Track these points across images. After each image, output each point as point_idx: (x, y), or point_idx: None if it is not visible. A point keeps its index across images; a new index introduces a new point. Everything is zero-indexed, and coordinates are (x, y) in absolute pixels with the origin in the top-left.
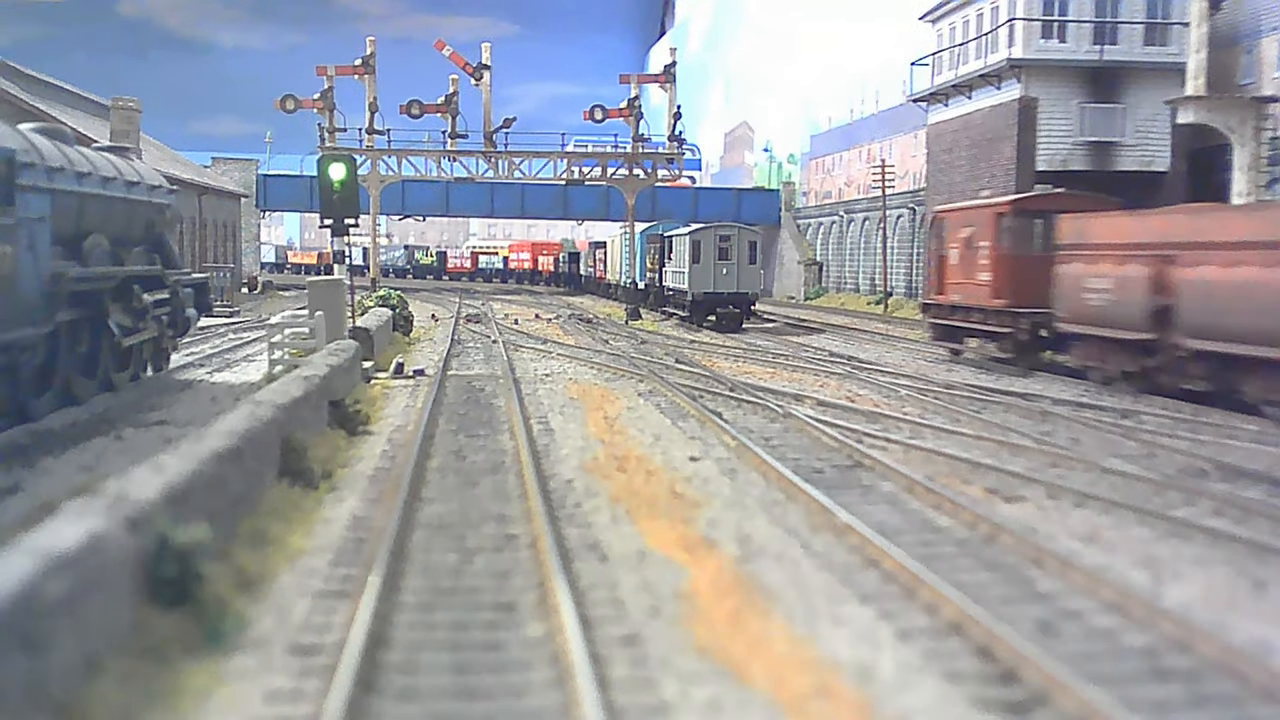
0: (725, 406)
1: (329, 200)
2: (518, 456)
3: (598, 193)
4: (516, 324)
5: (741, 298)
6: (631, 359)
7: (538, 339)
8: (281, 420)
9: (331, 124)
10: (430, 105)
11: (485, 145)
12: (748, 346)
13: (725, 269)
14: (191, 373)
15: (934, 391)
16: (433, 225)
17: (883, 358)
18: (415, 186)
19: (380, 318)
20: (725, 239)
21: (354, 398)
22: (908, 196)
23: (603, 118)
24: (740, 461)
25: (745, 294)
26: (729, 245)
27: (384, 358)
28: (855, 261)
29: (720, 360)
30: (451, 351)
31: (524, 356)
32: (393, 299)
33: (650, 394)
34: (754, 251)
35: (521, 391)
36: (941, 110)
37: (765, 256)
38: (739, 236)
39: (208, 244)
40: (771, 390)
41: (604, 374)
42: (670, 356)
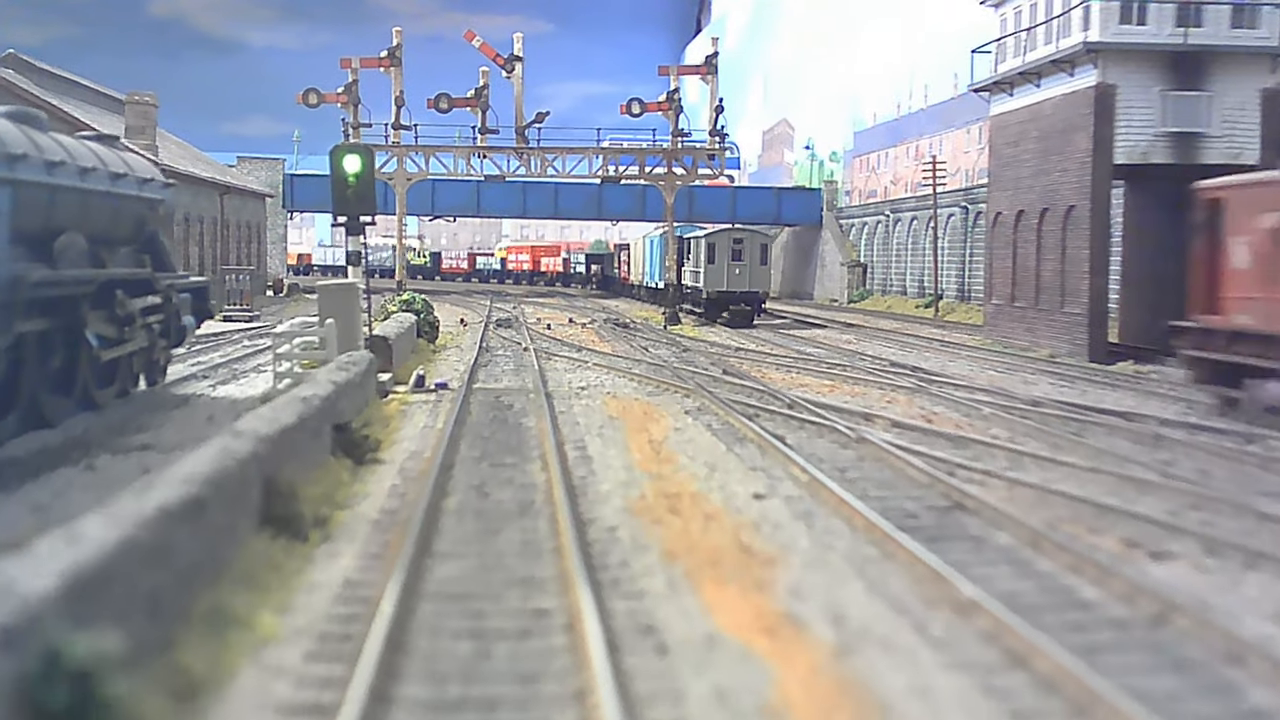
0: (786, 428)
1: (342, 195)
2: (550, 494)
3: (633, 192)
4: (549, 329)
5: (752, 296)
6: (674, 369)
7: (572, 346)
8: (265, 455)
9: (356, 119)
10: (459, 99)
11: (517, 141)
12: (799, 355)
13: (738, 269)
14: (192, 386)
15: (1019, 409)
16: (464, 227)
17: (947, 368)
18: (445, 186)
19: (402, 324)
20: (738, 241)
21: (365, 418)
22: (959, 195)
23: (640, 112)
24: (815, 501)
25: (755, 293)
26: (741, 247)
27: (404, 369)
28: (902, 263)
29: (771, 371)
30: (479, 361)
31: (557, 366)
32: (417, 303)
33: (699, 412)
34: (764, 253)
35: (555, 409)
36: (1006, 100)
37: (805, 258)
38: (751, 239)
39: (230, 245)
40: (835, 408)
41: (645, 387)
42: (716, 366)
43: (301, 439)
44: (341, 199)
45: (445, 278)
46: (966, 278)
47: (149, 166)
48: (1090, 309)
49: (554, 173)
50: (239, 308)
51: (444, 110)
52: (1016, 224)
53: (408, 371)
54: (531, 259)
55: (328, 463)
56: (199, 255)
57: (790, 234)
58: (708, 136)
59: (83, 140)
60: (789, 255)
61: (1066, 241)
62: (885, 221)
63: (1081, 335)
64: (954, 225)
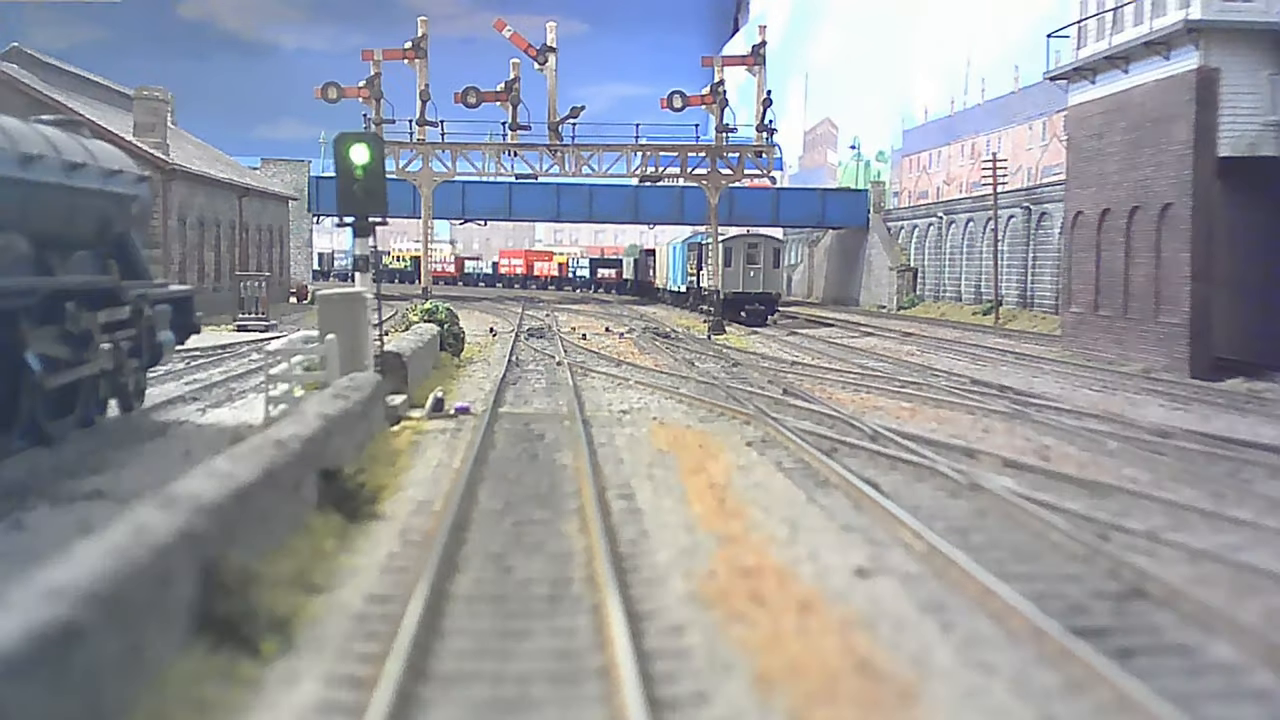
0: (875, 467)
1: (349, 191)
2: (591, 568)
3: (670, 195)
4: (584, 339)
5: (766, 297)
6: (727, 389)
7: (610, 359)
8: (207, 533)
9: (379, 115)
10: (489, 93)
11: (550, 138)
12: (864, 371)
13: (752, 272)
14: (177, 410)
15: (1146, 441)
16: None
17: (1035, 385)
18: (475, 189)
19: (422, 337)
20: (753, 246)
21: (367, 457)
22: (1022, 194)
23: (682, 106)
24: (941, 581)
25: (769, 294)
26: (756, 252)
27: (422, 389)
28: (956, 267)
29: (837, 390)
30: (507, 377)
31: (594, 384)
32: (440, 313)
33: (764, 444)
34: (777, 257)
35: (594, 440)
36: (1087, 89)
37: (851, 262)
38: (765, 244)
39: (249, 250)
40: (926, 439)
41: (696, 410)
42: (775, 385)
43: (268, 499)
44: (347, 195)
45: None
46: (1029, 283)
47: (118, 156)
48: (1191, 319)
49: (589, 172)
50: (254, 316)
51: (472, 105)
52: (1100, 224)
53: (425, 392)
54: (525, 264)
55: (309, 524)
56: (215, 261)
57: (834, 237)
58: (754, 132)
59: (35, 124)
60: (832, 259)
61: (1161, 243)
62: (938, 224)
63: (1181, 348)
64: (1015, 227)
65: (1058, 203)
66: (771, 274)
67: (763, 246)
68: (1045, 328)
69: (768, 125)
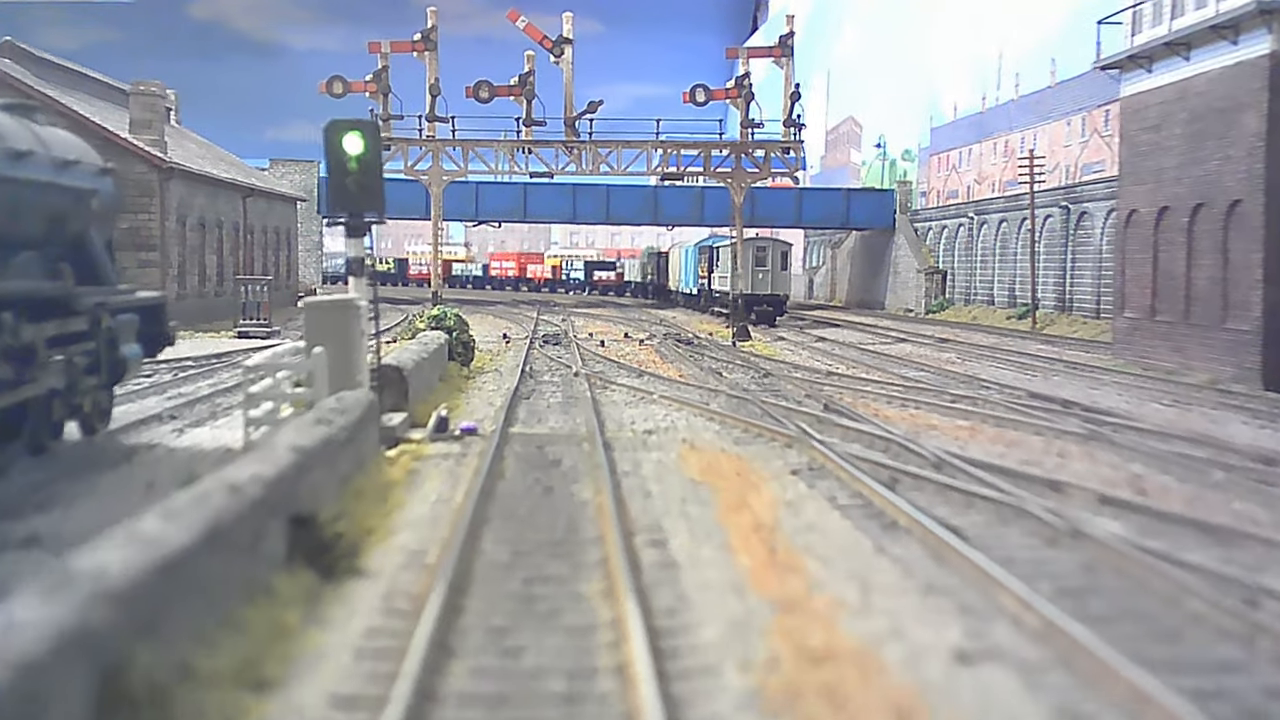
0: (948, 504)
1: (340, 185)
2: (620, 652)
3: (690, 195)
4: (603, 345)
5: (775, 299)
6: (762, 403)
7: (631, 369)
8: (106, 632)
9: (386, 110)
10: (502, 87)
11: (566, 134)
12: (907, 382)
13: (761, 275)
14: (150, 432)
15: (1254, 470)
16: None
17: (1096, 399)
18: (489, 190)
19: (427, 346)
20: (762, 250)
21: (348, 498)
22: (1059, 193)
23: (705, 100)
24: (1070, 673)
25: (777, 295)
26: (765, 255)
27: (425, 406)
28: (988, 269)
29: (882, 405)
30: (519, 390)
31: (615, 398)
32: (449, 320)
33: (813, 472)
34: (785, 260)
35: (616, 467)
36: (1142, 79)
37: (876, 264)
38: (773, 248)
39: (254, 253)
40: (998, 467)
41: (730, 430)
42: (813, 399)
43: (213, 565)
44: (339, 190)
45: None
46: (1068, 286)
47: (76, 145)
48: (1264, 325)
49: (607, 170)
50: (255, 322)
51: (484, 100)
52: (1158, 223)
53: (429, 409)
54: (517, 266)
55: (272, 587)
56: (217, 264)
57: (859, 239)
58: (781, 128)
59: None
60: (856, 262)
61: (1229, 243)
62: (968, 224)
63: (1251, 357)
64: (1052, 228)
65: (1099, 202)
66: (780, 276)
67: (771, 250)
68: (1087, 333)
69: (796, 120)
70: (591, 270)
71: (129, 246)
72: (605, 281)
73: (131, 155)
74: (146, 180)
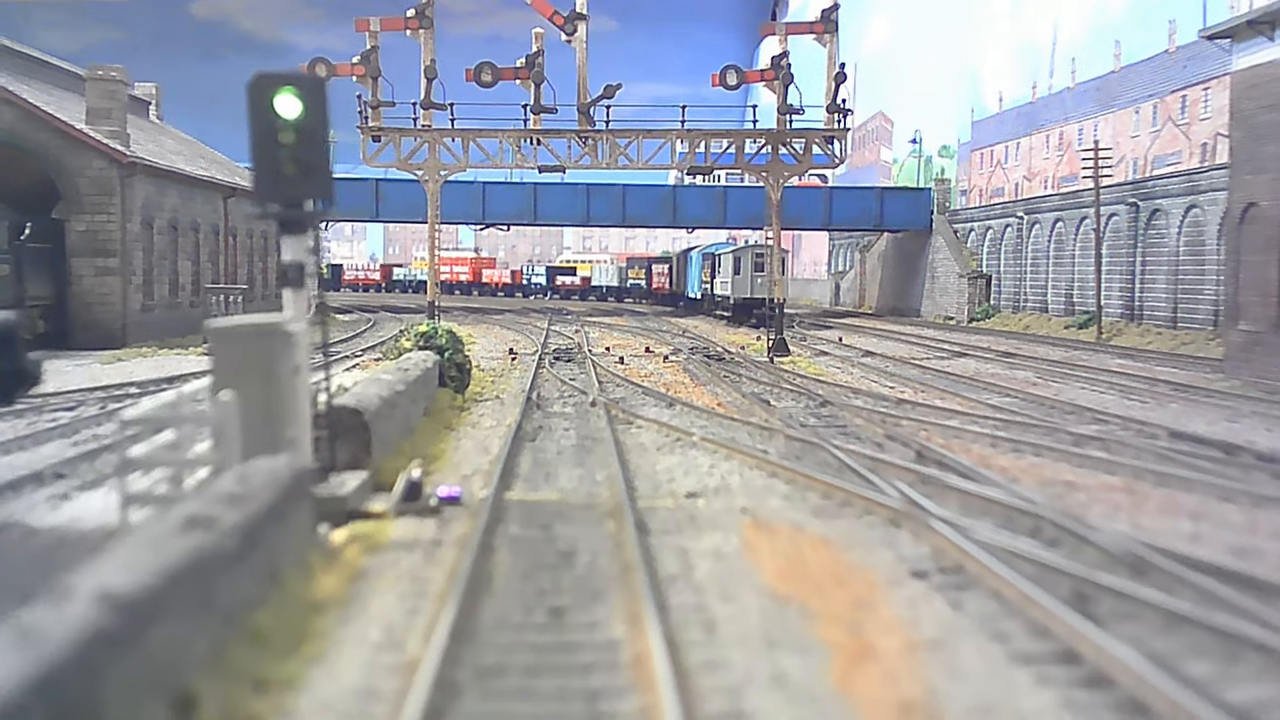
0: (1199, 653)
1: (269, 160)
2: None
3: (711, 196)
4: (622, 363)
5: None
6: (833, 446)
7: (657, 395)
8: None
9: (375, 95)
10: (507, 70)
11: (580, 122)
12: (992, 412)
13: (759, 280)
14: (17, 500)
15: None
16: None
17: (1255, 439)
18: (496, 190)
19: (407, 374)
20: (760, 256)
21: (227, 660)
22: (1127, 189)
23: (737, 83)
24: None
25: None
26: (762, 261)
27: (397, 458)
28: (1040, 273)
29: (985, 448)
30: (523, 429)
31: (643, 439)
32: (440, 337)
33: (946, 575)
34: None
35: (659, 571)
36: (1263, 48)
37: (910, 268)
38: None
39: (238, 258)
40: (1223, 570)
41: (805, 493)
42: (895, 440)
43: None
44: (267, 166)
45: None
46: (1137, 292)
47: None
48: None
49: (626, 163)
50: None
51: (487, 84)
52: None
53: (402, 462)
54: (471, 271)
55: None
56: (192, 271)
57: (890, 241)
58: (825, 113)
59: None
60: (888, 266)
61: None
62: (1017, 225)
63: None
64: (1118, 227)
65: (1175, 198)
66: None
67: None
68: (1163, 345)
69: (840, 105)
70: (554, 275)
71: (85, 252)
72: (569, 286)
73: (87, 149)
74: (105, 177)
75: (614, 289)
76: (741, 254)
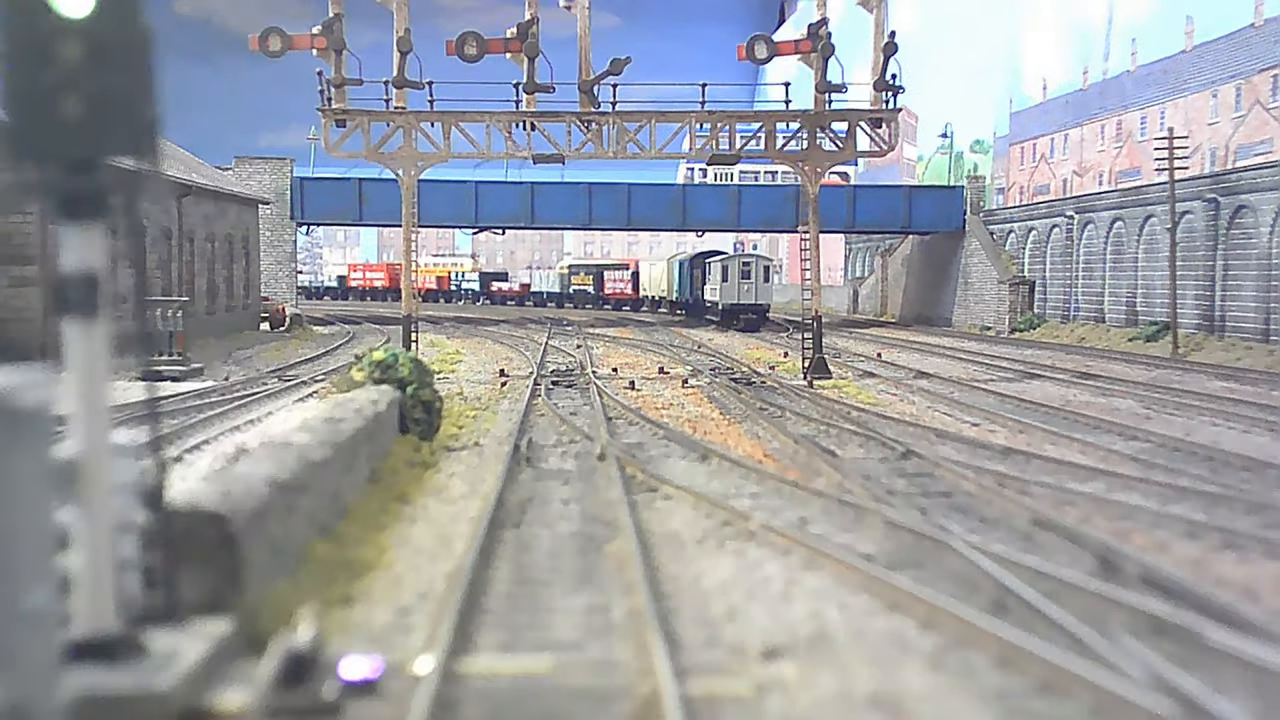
0: None
1: (29, 90)
2: None
3: (723, 196)
4: (632, 389)
5: (758, 308)
6: (966, 547)
7: (683, 440)
8: None
9: (339, 72)
10: (495, 41)
11: (581, 103)
12: (1151, 472)
13: (746, 286)
14: None
15: None
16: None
17: None
18: (491, 191)
19: (340, 428)
20: (746, 264)
21: None
22: (1205, 183)
23: (767, 56)
24: None
25: (760, 305)
26: (749, 269)
27: (291, 586)
28: (1094, 279)
29: (1180, 541)
30: (504, 504)
31: (675, 525)
32: (402, 367)
33: None
34: (767, 274)
35: None
36: None
37: (940, 273)
38: (755, 263)
39: (195, 265)
40: None
41: (960, 653)
42: (1044, 525)
43: None
44: (30, 100)
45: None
46: (1217, 300)
47: None
48: None
49: (636, 151)
50: (168, 359)
51: (472, 58)
52: None
53: (302, 590)
54: (386, 277)
55: None
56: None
57: (916, 245)
58: (872, 91)
59: None
60: (914, 271)
61: None
62: (1066, 225)
63: None
64: (1192, 227)
65: (1265, 193)
66: (762, 288)
67: (754, 264)
68: (1256, 361)
69: (890, 82)
70: (488, 281)
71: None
72: (505, 292)
73: None
74: None
75: (555, 295)
76: (729, 262)
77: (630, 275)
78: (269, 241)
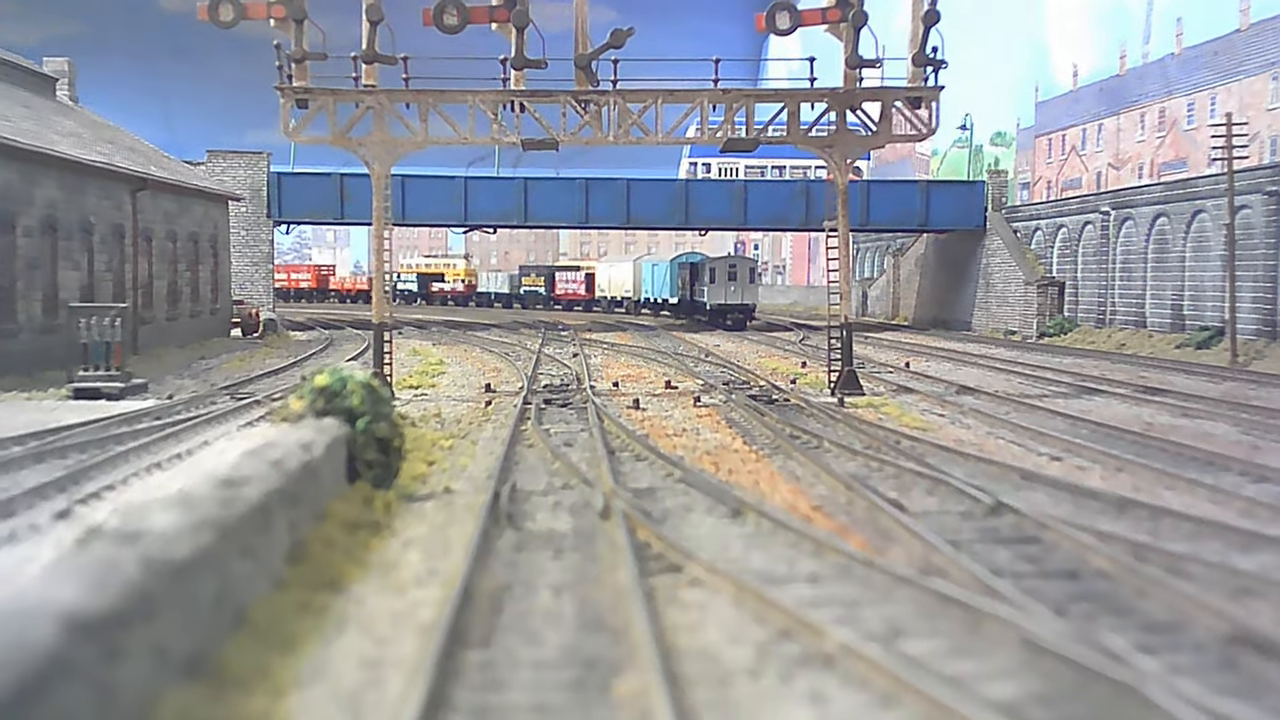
0: None
1: None
2: None
3: (728, 192)
4: (637, 408)
5: (744, 308)
6: (1059, 617)
7: (702, 483)
8: None
9: (301, 46)
10: (478, 9)
11: (579, 81)
12: None
13: (733, 287)
14: None
15: None
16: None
17: None
18: (481, 188)
19: (238, 496)
20: (733, 266)
21: None
22: (1265, 174)
23: (790, 27)
24: None
25: (747, 304)
26: (736, 270)
27: None
28: (1134, 280)
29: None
30: (472, 585)
31: (713, 639)
32: (351, 394)
33: None
34: (753, 275)
35: None
36: None
37: (959, 274)
38: (741, 265)
39: (153, 267)
40: None
41: None
42: (1247, 641)
43: None
44: None
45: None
46: (1279, 302)
47: None
48: None
49: (640, 135)
50: (101, 374)
51: (452, 28)
52: None
53: None
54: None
55: None
56: (81, 285)
57: (931, 244)
58: (910, 66)
59: None
60: (928, 272)
61: None
62: (1100, 222)
63: None
64: (1250, 223)
65: None
66: (748, 288)
67: (740, 266)
68: None
69: (932, 56)
70: (427, 281)
71: None
72: (445, 293)
73: None
74: None
75: (503, 295)
76: (716, 264)
77: (584, 277)
78: (243, 241)
